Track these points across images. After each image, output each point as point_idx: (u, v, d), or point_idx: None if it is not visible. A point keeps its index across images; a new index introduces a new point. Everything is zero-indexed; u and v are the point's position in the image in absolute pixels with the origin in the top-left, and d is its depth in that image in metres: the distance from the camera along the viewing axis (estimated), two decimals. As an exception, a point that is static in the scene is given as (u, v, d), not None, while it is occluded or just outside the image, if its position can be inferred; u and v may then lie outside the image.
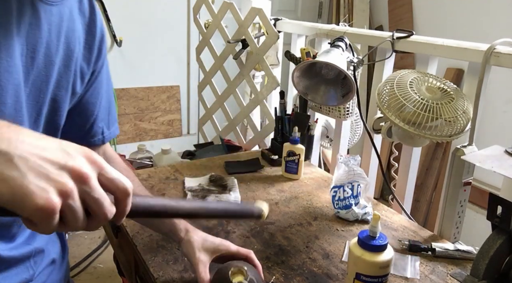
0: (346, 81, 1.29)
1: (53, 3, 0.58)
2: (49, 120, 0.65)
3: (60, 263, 0.81)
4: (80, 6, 0.66)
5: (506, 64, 0.97)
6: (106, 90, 0.78)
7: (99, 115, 0.78)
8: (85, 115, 0.76)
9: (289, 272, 0.90)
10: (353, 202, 1.12)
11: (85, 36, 0.68)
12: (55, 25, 0.60)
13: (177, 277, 0.87)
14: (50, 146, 0.40)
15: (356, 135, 1.67)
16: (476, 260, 0.83)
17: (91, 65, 0.71)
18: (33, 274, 0.71)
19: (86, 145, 0.81)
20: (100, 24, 0.71)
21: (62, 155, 0.40)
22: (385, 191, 2.89)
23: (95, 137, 0.80)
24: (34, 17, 0.56)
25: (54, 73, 0.62)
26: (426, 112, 1.03)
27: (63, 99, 0.65)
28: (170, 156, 1.85)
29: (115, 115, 0.85)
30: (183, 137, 3.37)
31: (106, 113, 0.80)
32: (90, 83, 0.73)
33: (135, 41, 2.88)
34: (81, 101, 0.74)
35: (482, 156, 0.95)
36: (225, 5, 1.79)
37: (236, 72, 1.86)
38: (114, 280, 2.08)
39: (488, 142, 1.09)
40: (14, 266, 0.67)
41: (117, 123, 0.87)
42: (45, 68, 0.60)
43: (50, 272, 0.77)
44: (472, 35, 2.51)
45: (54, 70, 0.61)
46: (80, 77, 0.69)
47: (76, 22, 0.65)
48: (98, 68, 0.73)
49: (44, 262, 0.74)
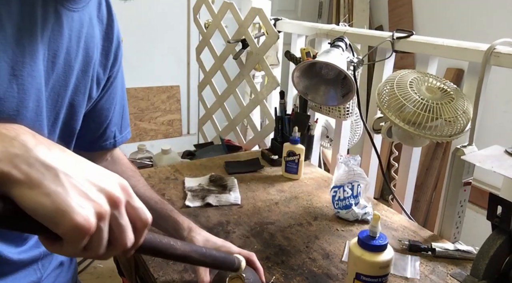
0: (346, 81, 1.29)
1: (75, 9, 0.59)
2: (65, 124, 0.65)
3: (68, 266, 0.81)
4: (98, 13, 0.67)
5: (506, 64, 0.97)
6: (121, 95, 0.79)
7: (113, 120, 0.79)
8: (99, 120, 0.76)
9: (289, 272, 0.90)
10: (353, 202, 1.12)
11: (102, 42, 0.69)
12: (76, 31, 0.61)
13: (177, 277, 0.87)
14: (89, 167, 0.41)
15: (356, 135, 1.67)
16: (476, 260, 0.83)
17: (107, 71, 0.71)
18: (40, 277, 0.71)
19: (97, 148, 0.81)
20: (117, 31, 0.72)
21: (100, 177, 0.41)
22: (385, 191, 2.89)
23: (107, 141, 0.80)
24: (57, 23, 0.56)
25: (72, 78, 0.62)
26: (426, 112, 1.03)
27: (80, 104, 0.66)
28: (170, 156, 1.86)
29: (128, 119, 0.86)
30: (183, 137, 3.37)
31: (119, 117, 0.81)
32: (105, 88, 0.74)
33: (135, 41, 2.88)
34: (96, 106, 0.74)
35: (482, 156, 0.95)
36: (225, 5, 1.79)
37: (236, 72, 1.86)
38: (114, 280, 2.08)
39: (488, 142, 1.09)
40: (22, 268, 0.67)
41: (130, 127, 0.88)
42: (64, 73, 0.60)
43: (57, 275, 0.77)
44: (472, 35, 2.51)
45: (73, 75, 0.62)
46: (96, 83, 0.69)
47: (95, 29, 0.66)
48: (114, 74, 0.74)
49: (52, 264, 0.74)
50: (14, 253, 0.64)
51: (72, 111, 0.65)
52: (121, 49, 0.74)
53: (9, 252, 0.63)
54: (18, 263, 0.65)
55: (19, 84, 0.52)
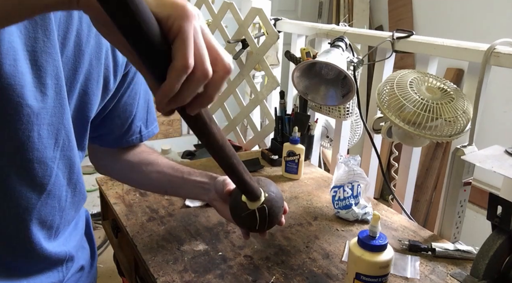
0: (346, 81, 1.29)
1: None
2: (78, 112, 0.64)
3: (89, 270, 0.81)
4: None
5: (506, 64, 0.97)
6: (145, 89, 0.79)
7: (137, 115, 0.80)
8: (124, 115, 0.77)
9: (289, 272, 0.90)
10: (353, 202, 1.12)
11: None
12: (87, 16, 0.60)
13: (177, 277, 0.87)
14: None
15: (356, 135, 1.67)
16: (476, 260, 0.83)
17: (123, 65, 0.71)
18: (62, 279, 0.71)
19: (124, 144, 0.82)
20: None
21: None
22: (385, 191, 2.89)
23: (133, 136, 0.81)
24: None
25: (84, 63, 0.61)
26: (426, 112, 1.03)
27: (94, 92, 0.65)
28: (170, 156, 1.86)
29: (154, 114, 0.86)
30: (183, 137, 3.37)
31: (144, 112, 0.81)
32: (126, 84, 0.74)
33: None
34: (120, 102, 0.75)
35: (482, 156, 0.95)
36: (225, 5, 1.79)
37: (236, 72, 1.86)
38: (114, 280, 2.08)
39: (488, 142, 1.09)
40: (48, 268, 0.67)
41: (156, 121, 0.88)
42: (74, 56, 0.59)
43: (78, 279, 0.77)
44: (472, 35, 2.51)
45: (84, 60, 0.61)
46: (113, 74, 0.68)
47: None
48: (133, 68, 0.73)
49: (74, 268, 0.74)
50: (48, 245, 0.64)
51: (86, 99, 0.64)
52: None
53: (44, 240, 0.63)
54: (47, 259, 0.65)
55: (31, 59, 0.52)
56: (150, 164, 0.84)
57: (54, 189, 0.62)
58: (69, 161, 0.63)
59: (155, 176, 0.84)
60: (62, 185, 0.63)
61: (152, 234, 1.01)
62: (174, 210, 1.13)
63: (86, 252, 0.81)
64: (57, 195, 0.62)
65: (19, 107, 0.52)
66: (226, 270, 0.89)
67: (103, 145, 0.82)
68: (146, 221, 1.07)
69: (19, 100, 0.52)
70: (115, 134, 0.78)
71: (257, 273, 0.89)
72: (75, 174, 0.65)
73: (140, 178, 0.85)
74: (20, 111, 0.53)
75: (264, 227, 0.73)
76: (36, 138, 0.56)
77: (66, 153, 0.62)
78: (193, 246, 0.97)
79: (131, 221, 1.07)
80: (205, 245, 0.98)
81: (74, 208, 0.69)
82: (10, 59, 0.49)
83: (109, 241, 1.38)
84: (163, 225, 1.06)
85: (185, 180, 0.83)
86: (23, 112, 0.53)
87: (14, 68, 0.50)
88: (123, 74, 0.71)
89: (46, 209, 0.61)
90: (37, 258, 0.63)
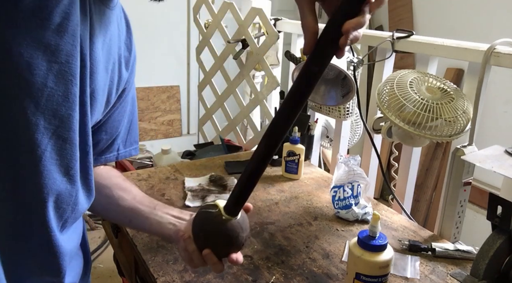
0: (346, 81, 1.29)
1: (107, 6, 0.60)
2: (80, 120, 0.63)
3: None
4: (120, 21, 0.69)
5: (506, 64, 0.97)
6: (130, 109, 0.79)
7: (120, 133, 0.79)
8: (110, 131, 0.77)
9: (289, 272, 0.90)
10: (353, 202, 1.12)
11: (123, 52, 0.70)
12: (105, 23, 0.61)
13: (177, 277, 0.87)
14: None
15: (356, 135, 1.67)
16: (476, 260, 0.83)
17: (124, 80, 0.72)
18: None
19: (101, 161, 0.81)
20: (134, 45, 0.74)
21: None
22: (385, 191, 2.89)
23: (111, 153, 0.80)
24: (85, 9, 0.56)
25: (99, 71, 0.62)
26: (426, 112, 1.03)
27: (98, 100, 0.64)
28: (170, 156, 1.85)
29: (136, 136, 0.85)
30: (183, 137, 3.36)
31: (126, 131, 0.81)
32: (120, 100, 0.74)
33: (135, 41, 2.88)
34: (111, 117, 0.75)
35: (482, 156, 0.95)
36: (225, 5, 1.79)
37: (236, 72, 1.86)
38: (114, 280, 2.08)
39: (488, 142, 1.09)
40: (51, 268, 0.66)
41: (137, 144, 0.86)
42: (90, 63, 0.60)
43: None
44: (472, 35, 2.51)
45: (99, 68, 0.62)
46: (116, 87, 0.69)
47: (119, 34, 0.68)
48: (128, 86, 0.75)
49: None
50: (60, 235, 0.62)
51: (87, 108, 0.63)
52: (135, 64, 0.76)
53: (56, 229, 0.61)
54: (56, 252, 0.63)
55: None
56: (122, 190, 0.80)
57: (75, 175, 0.61)
58: (84, 152, 0.63)
59: (124, 202, 0.78)
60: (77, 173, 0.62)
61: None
62: (174, 210, 1.13)
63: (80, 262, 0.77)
64: (75, 182, 0.62)
65: (69, 85, 0.54)
66: (226, 270, 0.89)
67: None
68: (146, 221, 1.07)
69: (71, 79, 0.54)
70: (96, 150, 0.77)
71: (257, 273, 0.89)
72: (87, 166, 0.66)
73: (106, 202, 0.79)
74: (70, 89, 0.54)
75: (230, 245, 0.65)
76: (75, 118, 0.57)
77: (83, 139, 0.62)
78: (193, 246, 0.97)
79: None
80: (205, 245, 0.98)
81: (85, 203, 0.68)
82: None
83: (109, 241, 1.38)
84: (163, 225, 1.05)
85: (155, 213, 0.77)
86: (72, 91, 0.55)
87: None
88: (122, 89, 0.73)
89: (63, 195, 0.61)
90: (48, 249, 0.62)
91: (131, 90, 0.78)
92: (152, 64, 3.07)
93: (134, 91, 0.80)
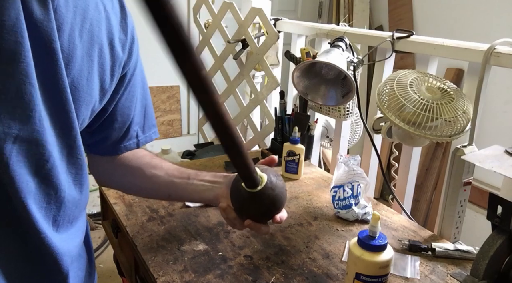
0: (346, 81, 1.29)
1: None
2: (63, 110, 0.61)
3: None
4: (112, 5, 0.67)
5: (506, 64, 0.97)
6: (141, 93, 0.78)
7: (135, 119, 0.78)
8: (122, 119, 0.76)
9: (289, 272, 0.90)
10: (353, 202, 1.12)
11: (118, 34, 0.68)
12: (80, 9, 0.59)
13: (177, 277, 0.87)
14: None
15: (356, 135, 1.67)
16: (476, 260, 0.83)
17: (122, 64, 0.69)
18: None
19: (122, 150, 0.81)
20: (131, 27, 0.71)
21: None
22: (385, 191, 2.89)
23: (130, 141, 0.80)
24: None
25: (77, 58, 0.59)
26: (426, 112, 1.03)
27: (84, 88, 0.62)
28: (170, 156, 1.86)
29: (153, 119, 0.84)
30: (183, 137, 3.37)
31: (141, 116, 0.80)
32: (124, 86, 0.73)
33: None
34: (118, 105, 0.74)
35: (482, 156, 0.95)
36: (225, 5, 1.79)
37: (236, 72, 1.86)
38: (114, 280, 2.08)
39: (488, 142, 1.09)
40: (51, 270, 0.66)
41: (156, 128, 0.86)
42: (68, 48, 0.57)
43: None
44: (472, 35, 2.51)
45: (77, 55, 0.59)
46: (111, 74, 0.67)
47: (107, 16, 0.65)
48: (131, 70, 0.73)
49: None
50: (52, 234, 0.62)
51: (76, 95, 0.61)
52: (136, 46, 0.73)
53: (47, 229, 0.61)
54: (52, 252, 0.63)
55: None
56: (153, 167, 0.82)
57: (50, 173, 0.59)
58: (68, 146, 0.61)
59: (159, 179, 0.82)
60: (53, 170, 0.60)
61: (152, 234, 1.01)
62: (174, 210, 1.13)
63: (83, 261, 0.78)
64: (51, 180, 0.61)
65: (22, 85, 0.50)
66: (226, 270, 0.89)
67: (100, 153, 0.80)
68: (146, 221, 1.07)
69: (22, 78, 0.50)
70: (112, 140, 0.77)
71: (257, 273, 0.89)
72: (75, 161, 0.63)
73: (142, 183, 0.82)
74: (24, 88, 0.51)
75: (266, 214, 0.70)
76: (36, 118, 0.54)
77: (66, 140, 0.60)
78: (193, 246, 0.97)
79: (131, 221, 1.07)
80: (205, 245, 0.98)
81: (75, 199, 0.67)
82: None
83: (109, 241, 1.38)
84: (163, 225, 1.06)
85: (190, 182, 0.81)
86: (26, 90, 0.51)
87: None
88: (121, 75, 0.71)
89: (41, 195, 0.60)
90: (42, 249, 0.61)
91: (137, 74, 0.75)
92: (152, 64, 3.06)
93: (143, 75, 0.78)
